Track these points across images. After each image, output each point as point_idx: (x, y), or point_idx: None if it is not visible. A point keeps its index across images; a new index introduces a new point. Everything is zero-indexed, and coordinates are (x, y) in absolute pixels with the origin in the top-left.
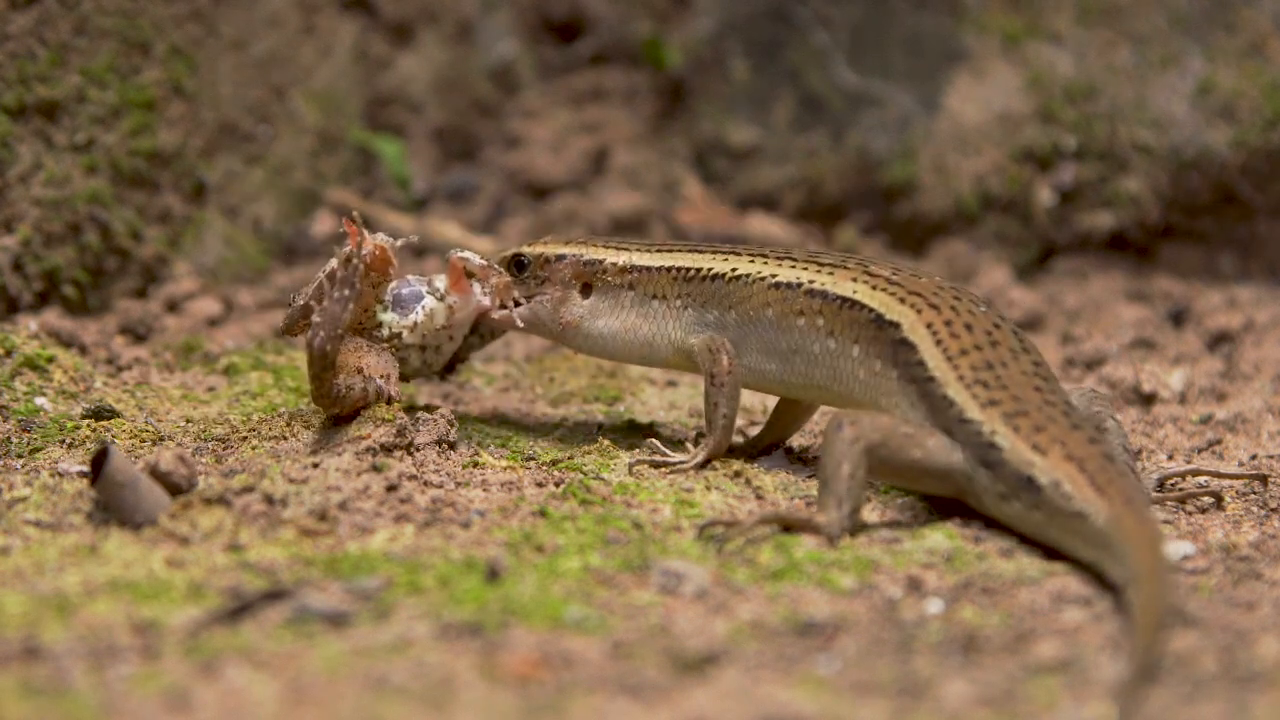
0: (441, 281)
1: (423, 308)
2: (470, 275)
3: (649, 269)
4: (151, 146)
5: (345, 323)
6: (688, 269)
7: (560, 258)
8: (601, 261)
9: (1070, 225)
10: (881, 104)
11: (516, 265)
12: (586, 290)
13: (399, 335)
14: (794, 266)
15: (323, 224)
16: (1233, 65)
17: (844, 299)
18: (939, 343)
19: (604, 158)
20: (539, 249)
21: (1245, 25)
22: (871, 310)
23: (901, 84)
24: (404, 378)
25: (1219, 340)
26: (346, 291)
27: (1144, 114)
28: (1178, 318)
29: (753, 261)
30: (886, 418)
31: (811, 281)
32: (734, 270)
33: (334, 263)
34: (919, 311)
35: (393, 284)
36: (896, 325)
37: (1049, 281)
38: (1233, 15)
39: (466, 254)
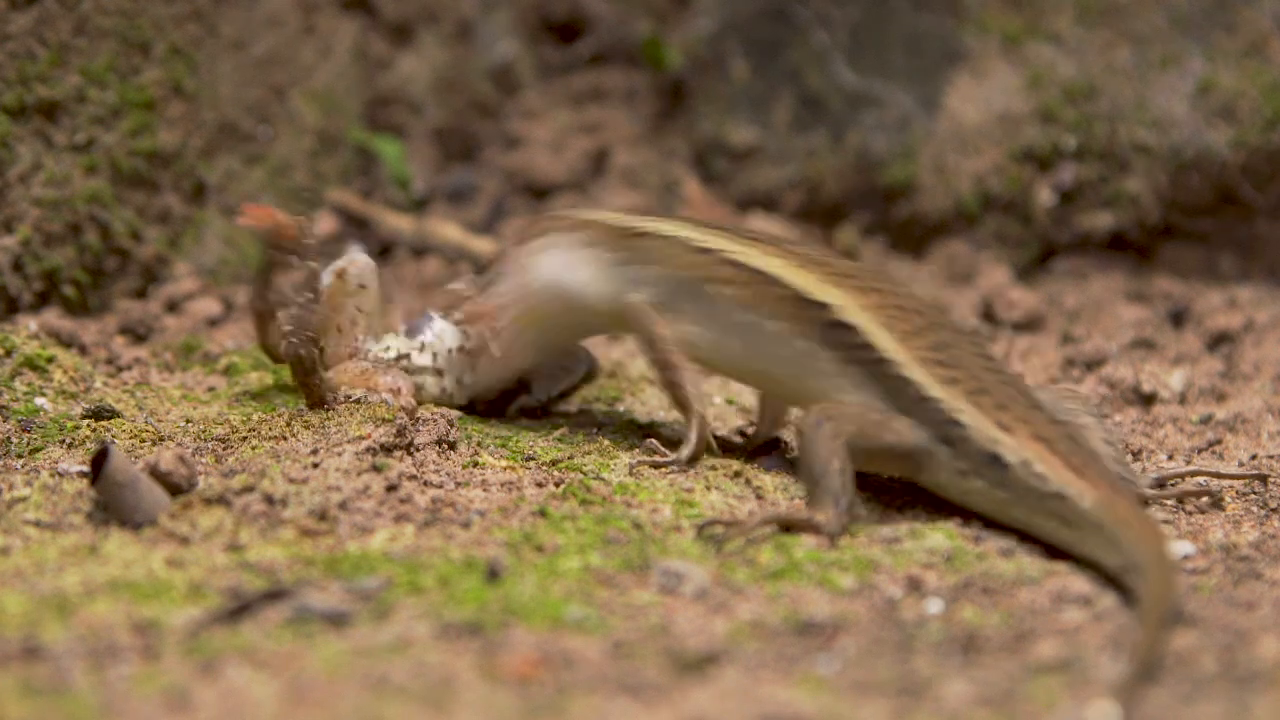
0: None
1: (431, 329)
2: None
3: (584, 220)
4: (151, 146)
5: (315, 325)
6: (614, 226)
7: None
8: (546, 214)
9: (1070, 225)
10: (881, 104)
11: (476, 271)
12: (538, 234)
13: (407, 356)
14: (718, 236)
15: (323, 224)
16: (1233, 65)
17: (759, 272)
18: (886, 324)
19: (604, 158)
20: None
21: (1245, 25)
22: (791, 288)
23: (901, 84)
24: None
25: (1219, 340)
26: (309, 294)
27: (1144, 114)
28: (1178, 318)
29: (679, 227)
30: (853, 407)
31: (727, 251)
32: (656, 229)
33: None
34: (853, 294)
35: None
36: (825, 306)
37: (1049, 282)
38: (1233, 15)
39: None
